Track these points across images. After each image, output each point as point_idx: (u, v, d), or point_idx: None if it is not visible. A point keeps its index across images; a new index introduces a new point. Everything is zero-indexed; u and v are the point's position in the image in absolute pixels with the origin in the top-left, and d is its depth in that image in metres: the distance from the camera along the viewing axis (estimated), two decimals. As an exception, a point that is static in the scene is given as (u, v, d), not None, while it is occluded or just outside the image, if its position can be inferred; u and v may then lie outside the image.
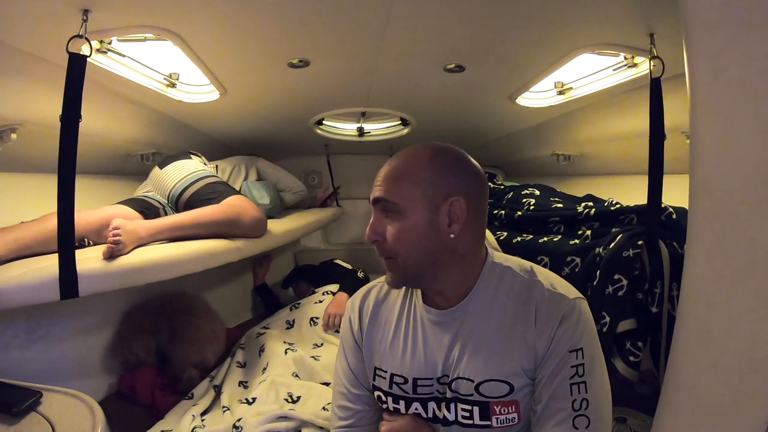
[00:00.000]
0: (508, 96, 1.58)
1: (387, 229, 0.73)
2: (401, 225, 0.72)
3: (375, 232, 0.74)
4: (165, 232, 1.15)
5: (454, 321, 0.76)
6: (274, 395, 1.26)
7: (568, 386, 0.68)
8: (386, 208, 0.74)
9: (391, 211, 0.73)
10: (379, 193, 0.74)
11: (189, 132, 1.87)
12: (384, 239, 0.74)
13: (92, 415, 0.66)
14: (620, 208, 1.23)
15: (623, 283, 1.05)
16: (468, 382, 0.73)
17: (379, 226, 0.74)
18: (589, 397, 0.68)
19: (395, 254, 0.73)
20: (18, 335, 1.20)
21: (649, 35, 1.03)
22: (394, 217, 0.73)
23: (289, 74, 1.34)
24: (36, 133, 1.20)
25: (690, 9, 0.58)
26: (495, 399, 0.72)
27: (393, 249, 0.73)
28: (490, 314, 0.74)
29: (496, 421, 0.72)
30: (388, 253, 0.74)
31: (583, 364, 0.69)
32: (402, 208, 0.72)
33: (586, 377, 0.68)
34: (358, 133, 2.35)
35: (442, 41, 1.17)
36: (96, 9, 0.90)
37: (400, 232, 0.72)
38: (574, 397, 0.68)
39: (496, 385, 0.72)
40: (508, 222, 1.54)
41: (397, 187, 0.73)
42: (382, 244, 0.74)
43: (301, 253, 2.97)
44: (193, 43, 1.12)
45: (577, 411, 0.67)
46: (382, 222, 0.74)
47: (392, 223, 0.73)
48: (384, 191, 0.74)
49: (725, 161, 0.57)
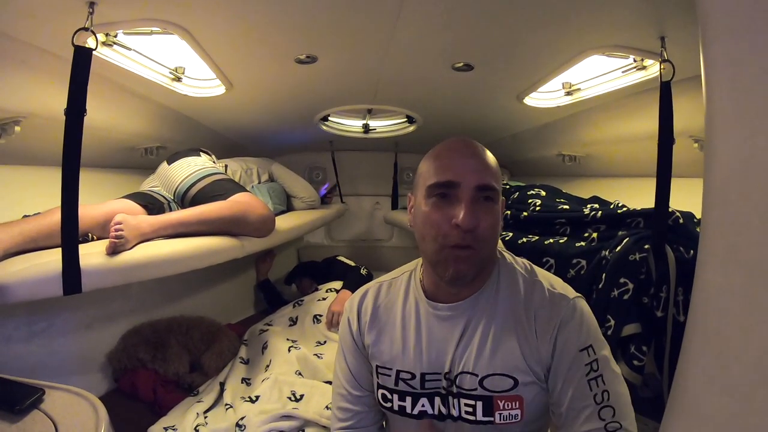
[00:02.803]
0: (516, 96, 1.56)
1: (483, 216, 0.70)
2: (496, 212, 0.72)
3: (477, 217, 0.69)
4: (169, 228, 1.15)
5: (462, 315, 0.76)
6: (278, 393, 1.26)
7: (587, 383, 0.69)
8: (490, 195, 0.71)
9: (488, 199, 0.71)
10: (484, 179, 0.71)
11: (194, 126, 1.87)
12: (479, 225, 0.70)
13: (95, 413, 0.66)
14: (627, 212, 1.21)
15: (629, 287, 1.05)
16: (472, 376, 0.73)
17: (479, 211, 0.70)
18: (608, 388, 0.68)
19: (482, 241, 0.70)
20: (19, 328, 1.20)
21: (660, 38, 1.02)
22: (490, 205, 0.71)
23: (296, 70, 1.33)
24: (40, 126, 1.20)
25: (708, 15, 0.57)
26: (499, 393, 0.72)
27: (484, 237, 0.70)
28: (495, 310, 0.75)
29: (499, 416, 0.71)
30: (474, 241, 0.70)
31: (597, 359, 0.70)
32: (497, 195, 0.72)
33: (601, 371, 0.69)
34: (364, 130, 2.34)
35: (450, 40, 1.16)
36: (102, 2, 0.89)
37: (494, 219, 0.72)
38: (594, 391, 0.68)
39: (500, 380, 0.72)
40: (514, 222, 1.53)
41: (494, 173, 0.73)
42: (473, 232, 0.70)
43: (304, 250, 2.97)
44: (199, 37, 1.11)
45: (600, 404, 0.68)
46: (478, 207, 0.70)
47: (488, 211, 0.71)
48: (488, 177, 0.71)
49: (741, 169, 0.56)
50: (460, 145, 0.75)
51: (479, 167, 0.72)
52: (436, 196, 0.71)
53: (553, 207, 1.46)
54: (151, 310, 1.66)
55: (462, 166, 0.71)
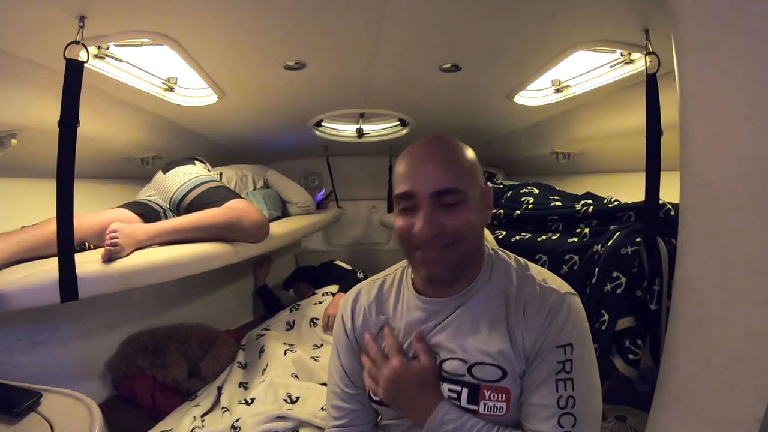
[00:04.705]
0: (506, 95, 1.58)
1: (447, 219, 0.69)
2: (467, 211, 0.70)
3: (436, 225, 0.69)
4: (164, 236, 1.16)
5: (445, 310, 0.76)
6: (273, 396, 1.27)
7: (554, 382, 0.67)
8: (447, 200, 0.69)
9: (454, 201, 0.70)
10: (441, 183, 0.69)
11: (188, 135, 1.89)
12: (443, 230, 0.70)
13: (90, 415, 0.67)
14: (618, 206, 1.22)
15: (622, 281, 1.05)
16: (461, 362, 0.72)
17: (439, 217, 0.69)
18: (575, 395, 0.66)
19: (456, 241, 0.70)
20: (21, 338, 1.21)
21: (644, 31, 1.03)
22: (457, 207, 0.70)
23: (285, 76, 1.35)
24: (36, 138, 1.22)
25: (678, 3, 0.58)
26: (486, 382, 0.71)
27: (458, 236, 0.70)
28: (486, 303, 0.74)
29: (483, 406, 0.70)
30: (448, 240, 0.70)
31: (571, 360, 0.67)
32: (466, 195, 0.70)
33: (573, 374, 0.67)
34: (357, 135, 2.36)
35: (436, 41, 1.18)
36: (92, 15, 0.91)
37: (465, 219, 0.70)
38: (560, 393, 0.67)
39: (488, 369, 0.71)
40: (507, 221, 1.53)
41: (459, 174, 0.70)
42: (441, 236, 0.70)
43: (302, 255, 2.98)
44: (189, 47, 1.13)
45: (563, 409, 0.66)
46: (439, 213, 0.70)
47: (452, 213, 0.70)
48: (448, 180, 0.69)
49: (715, 156, 0.57)
50: (423, 149, 0.73)
51: (436, 172, 0.70)
52: (400, 206, 0.73)
53: (546, 204, 1.47)
54: (151, 318, 1.67)
55: (418, 174, 0.71)
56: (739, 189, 0.55)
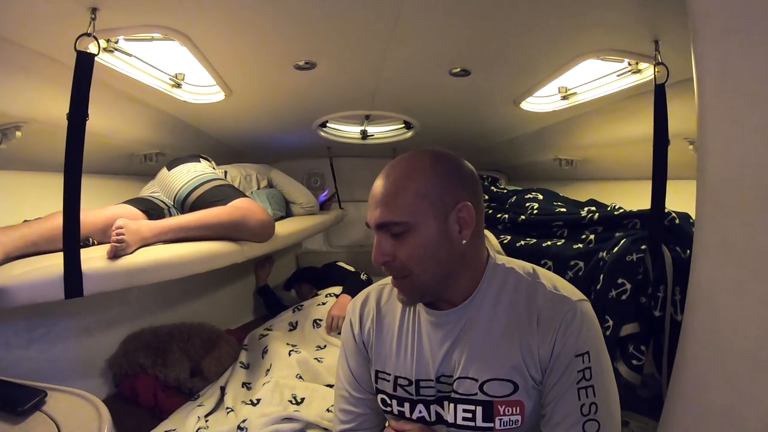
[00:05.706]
0: (513, 100, 1.58)
1: (396, 249, 0.69)
2: (414, 242, 0.68)
3: (383, 253, 0.69)
4: (169, 233, 1.15)
5: (456, 322, 0.75)
6: (279, 397, 1.26)
7: (576, 391, 0.67)
8: (394, 230, 0.69)
9: (400, 231, 0.68)
10: (381, 216, 0.69)
11: (193, 133, 1.88)
12: (394, 258, 0.69)
13: (98, 415, 0.65)
14: (624, 213, 1.23)
15: (626, 287, 1.06)
16: (472, 381, 0.72)
17: (386, 247, 0.69)
18: (597, 401, 0.67)
19: (410, 273, 0.70)
20: (19, 334, 1.19)
21: (654, 41, 1.04)
22: (405, 236, 0.68)
23: (295, 76, 1.35)
24: (41, 131, 1.20)
25: (698, 16, 0.59)
26: (499, 398, 0.70)
27: (407, 268, 0.70)
28: (493, 314, 0.74)
29: (499, 422, 0.70)
30: (400, 272, 0.70)
31: (590, 367, 0.67)
32: (412, 225, 0.68)
33: (593, 381, 0.67)
34: (362, 136, 2.35)
35: (448, 45, 1.18)
36: (104, 8, 0.90)
37: (414, 250, 0.68)
38: (582, 401, 0.67)
39: (500, 384, 0.71)
40: (512, 226, 1.54)
41: (401, 204, 0.68)
42: (392, 264, 0.70)
43: (303, 255, 2.97)
44: (200, 44, 1.13)
45: (587, 416, 0.66)
46: (389, 242, 0.69)
47: (403, 242, 0.69)
48: (388, 213, 0.68)
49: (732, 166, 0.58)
50: (380, 176, 0.73)
51: (379, 204, 0.70)
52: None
53: (551, 210, 1.48)
54: (151, 317, 1.66)
55: (371, 203, 0.72)
56: (756, 199, 0.55)
